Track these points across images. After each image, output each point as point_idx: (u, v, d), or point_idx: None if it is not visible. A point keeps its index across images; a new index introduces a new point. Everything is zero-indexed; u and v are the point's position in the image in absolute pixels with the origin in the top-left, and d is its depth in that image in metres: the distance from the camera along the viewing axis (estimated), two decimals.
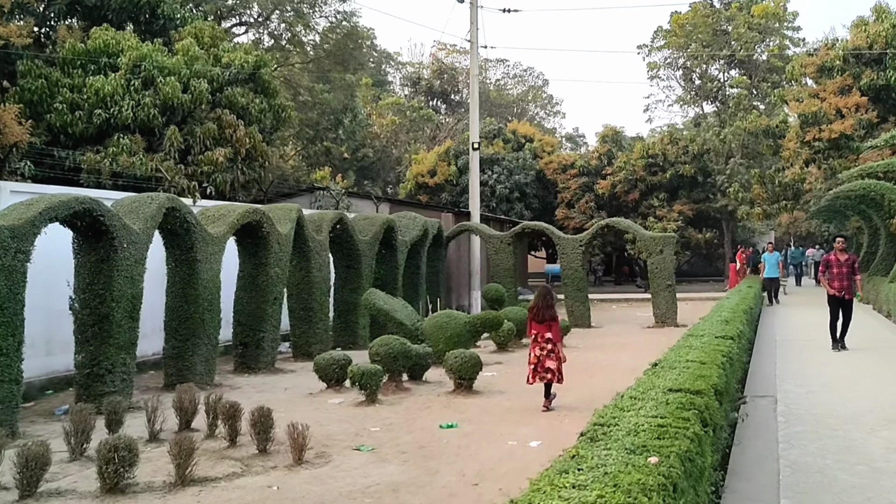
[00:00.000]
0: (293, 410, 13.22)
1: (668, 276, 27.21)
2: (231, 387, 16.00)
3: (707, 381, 7.44)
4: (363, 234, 23.33)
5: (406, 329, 18.70)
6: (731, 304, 17.92)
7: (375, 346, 14.74)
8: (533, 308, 13.48)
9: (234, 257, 18.07)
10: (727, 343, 10.91)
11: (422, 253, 27.27)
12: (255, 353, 17.97)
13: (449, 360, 14.44)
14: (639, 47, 58.06)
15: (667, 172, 49.24)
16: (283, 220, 19.16)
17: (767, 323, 24.42)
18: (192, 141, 23.86)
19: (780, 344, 19.42)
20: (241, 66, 25.41)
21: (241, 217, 17.00)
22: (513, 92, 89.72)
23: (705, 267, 58.43)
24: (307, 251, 20.36)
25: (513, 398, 14.03)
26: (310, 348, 20.28)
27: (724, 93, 56.02)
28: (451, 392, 14.51)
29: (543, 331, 13.19)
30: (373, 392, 13.55)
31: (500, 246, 29.57)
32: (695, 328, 13.29)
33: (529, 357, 13.31)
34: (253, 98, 25.71)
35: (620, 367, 17.74)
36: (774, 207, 42.54)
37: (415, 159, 56.61)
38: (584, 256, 28.50)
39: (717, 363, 8.80)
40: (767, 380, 14.13)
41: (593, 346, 22.22)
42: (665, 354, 9.75)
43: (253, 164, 25.23)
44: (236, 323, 18.11)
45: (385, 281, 24.77)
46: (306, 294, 20.48)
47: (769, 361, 16.35)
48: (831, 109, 35.93)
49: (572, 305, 27.78)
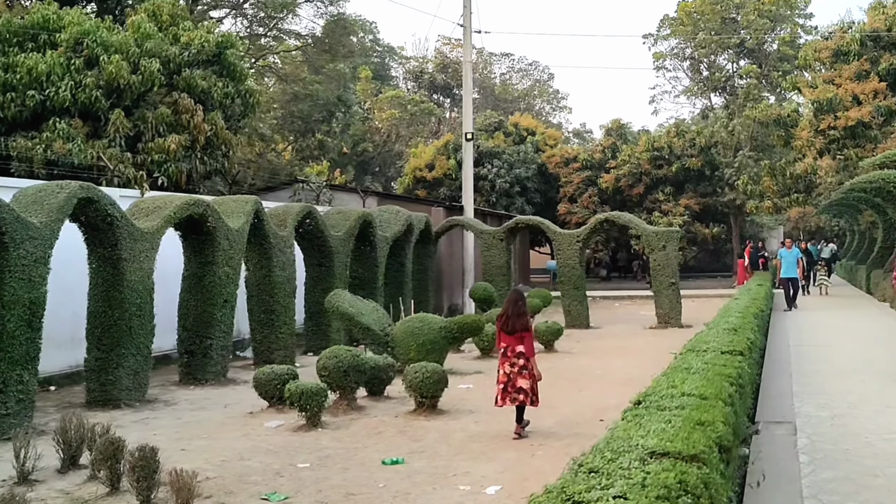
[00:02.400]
0: (218, 437, 11.19)
1: (671, 273, 25.19)
2: (166, 403, 13.98)
3: (708, 433, 5.33)
4: (336, 229, 21.30)
5: (374, 335, 16.63)
6: (739, 307, 15.78)
7: (323, 358, 12.68)
8: (501, 316, 11.39)
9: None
10: (736, 362, 8.82)
11: (407, 250, 25.33)
12: (202, 363, 15.92)
13: (409, 374, 12.36)
14: (644, 37, 55.90)
15: (673, 166, 47.53)
16: (235, 214, 17.09)
17: (779, 326, 22.29)
18: (144, 127, 21.67)
19: (795, 351, 17.28)
20: (202, 47, 23.19)
21: (180, 210, 14.91)
22: (518, 87, 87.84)
23: (713, 263, 56.92)
24: (268, 248, 18.31)
25: (482, 420, 11.95)
26: (272, 355, 18.25)
27: (733, 83, 53.90)
28: (411, 412, 12.44)
29: (514, 343, 11.09)
30: (314, 415, 11.48)
31: (493, 242, 27.52)
32: (697, 339, 11.18)
33: (498, 375, 11.22)
34: (216, 81, 23.50)
35: (615, 378, 15.79)
36: (785, 201, 40.31)
37: (413, 153, 54.82)
38: (582, 252, 26.43)
39: (723, 398, 6.70)
40: (783, 398, 12.01)
41: (588, 350, 20.23)
42: (655, 382, 7.67)
43: (215, 152, 23.03)
44: (181, 329, 16.07)
45: (364, 280, 22.90)
46: (267, 295, 18.44)
47: (784, 373, 14.22)
48: (847, 96, 33.70)
49: (569, 305, 25.87)
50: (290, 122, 45.41)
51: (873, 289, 32.12)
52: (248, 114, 25.52)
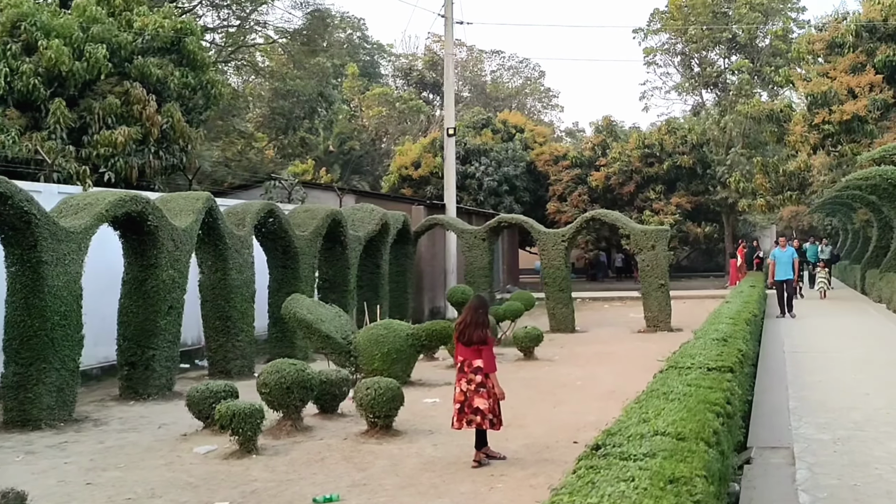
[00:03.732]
0: (136, 466, 9.85)
1: (660, 274, 23.90)
2: (96, 423, 12.60)
3: (682, 499, 3.99)
4: (302, 228, 19.96)
5: (334, 344, 15.30)
6: (730, 312, 14.43)
7: (264, 373, 11.30)
8: (459, 325, 10.03)
9: None
10: (724, 383, 7.50)
11: (382, 250, 24.04)
12: (145, 376, 14.54)
13: (359, 391, 11.00)
14: (634, 31, 54.51)
15: (664, 163, 46.46)
16: (183, 212, 15.73)
17: (773, 330, 20.98)
18: (90, 119, 20.19)
19: (791, 359, 15.94)
20: (157, 33, 21.69)
21: (113, 207, 13.53)
22: (509, 84, 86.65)
23: (705, 262, 55.94)
24: (223, 249, 16.94)
25: (442, 443, 10.63)
26: (228, 365, 16.95)
27: (725, 79, 52.65)
28: (363, 433, 11.08)
29: (471, 357, 9.75)
30: (248, 439, 10.12)
31: (475, 242, 26.20)
32: (682, 351, 9.85)
33: (454, 393, 9.88)
34: (173, 70, 22.02)
35: (596, 389, 14.50)
36: (778, 199, 38.97)
37: (399, 151, 53.51)
38: (568, 252, 25.14)
39: (706, 436, 5.35)
40: (778, 416, 10.67)
41: (571, 357, 18.95)
42: (625, 412, 6.34)
43: (172, 147, 21.54)
44: (121, 339, 14.67)
45: (334, 283, 21.63)
46: (223, 300, 17.06)
47: (779, 386, 12.89)
48: (842, 89, 32.31)
49: (554, 308, 24.60)
50: (271, 119, 43.96)
51: (868, 289, 30.90)
52: (210, 106, 24.03)
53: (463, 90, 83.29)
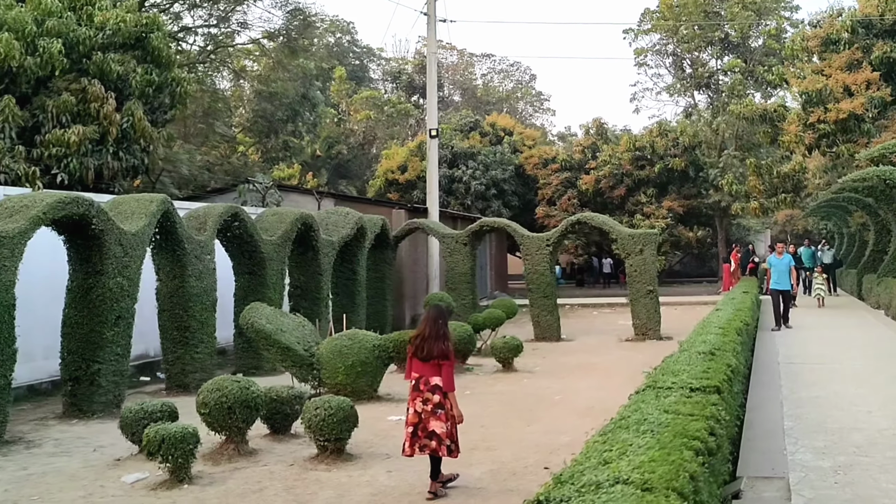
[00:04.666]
0: (51, 499, 8.79)
1: (648, 279, 22.89)
2: (28, 445, 11.53)
3: None
4: (269, 232, 18.94)
5: (295, 356, 14.28)
6: (720, 321, 13.37)
7: (204, 392, 10.24)
8: (416, 337, 8.98)
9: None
10: (708, 408, 6.45)
11: (359, 255, 23.03)
12: (89, 392, 13.48)
13: (308, 412, 9.95)
14: (625, 32, 53.48)
15: (655, 166, 45.47)
16: (134, 215, 14.67)
17: (767, 339, 19.93)
18: (43, 117, 19.08)
19: (786, 370, 14.87)
20: (118, 27, 20.57)
21: (52, 209, 12.44)
22: (500, 88, 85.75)
23: (698, 267, 55.04)
24: (181, 255, 15.92)
25: (397, 469, 9.58)
26: (186, 378, 15.92)
27: (717, 80, 51.66)
28: (313, 458, 10.03)
29: (429, 374, 8.70)
30: (180, 467, 9.06)
31: (456, 246, 25.17)
32: (665, 365, 8.81)
33: (407, 415, 8.83)
34: (135, 67, 20.90)
35: (575, 405, 13.49)
36: (772, 201, 37.91)
37: (385, 155, 52.55)
38: (553, 257, 24.12)
39: (679, 485, 4.27)
40: (772, 439, 9.61)
41: (552, 368, 17.92)
42: (585, 447, 5.30)
43: (132, 147, 20.42)
44: (65, 351, 13.63)
45: (306, 290, 20.64)
46: (181, 309, 16.05)
47: (773, 403, 11.83)
48: (838, 87, 31.25)
49: (538, 315, 23.62)
50: (254, 123, 42.90)
51: (866, 294, 29.87)
52: (176, 105, 22.89)
53: (454, 94, 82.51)
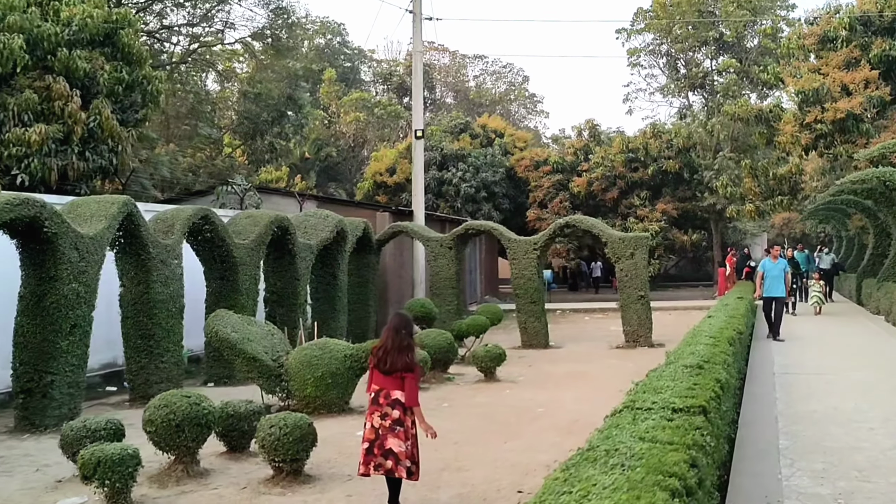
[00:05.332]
0: None
1: (640, 284, 22.13)
2: None
3: None
4: (242, 236, 18.15)
5: (261, 366, 13.52)
6: (712, 329, 12.56)
7: (151, 408, 9.45)
8: (378, 350, 8.20)
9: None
10: (691, 433, 5.67)
11: (340, 260, 22.23)
12: (42, 405, 12.70)
13: (262, 430, 9.16)
14: (618, 32, 52.76)
15: (649, 168, 44.80)
16: (93, 217, 13.88)
17: (761, 347, 19.16)
18: (4, 115, 18.24)
19: (781, 381, 14.09)
20: (84, 23, 19.73)
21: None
22: (493, 90, 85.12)
23: (694, 271, 54.37)
24: (146, 259, 15.13)
25: (358, 493, 8.80)
26: (150, 389, 14.98)
27: (712, 80, 50.94)
28: (268, 479, 9.23)
29: (390, 387, 7.95)
30: (118, 492, 8.25)
31: (441, 250, 24.38)
32: (646, 382, 8.02)
33: (364, 430, 8.06)
34: (103, 65, 20.06)
35: (558, 419, 12.72)
36: (768, 204, 37.11)
37: (374, 157, 51.81)
38: (540, 261, 23.36)
39: None
40: (766, 461, 8.83)
41: (537, 377, 17.16)
42: (543, 487, 4.51)
43: (99, 147, 19.57)
44: (17, 362, 12.83)
45: (282, 296, 19.80)
46: (145, 316, 15.26)
47: (767, 417, 11.05)
48: (836, 86, 30.51)
49: (526, 321, 22.87)
50: (239, 124, 42.08)
51: (865, 300, 29.10)
52: (147, 104, 22.05)
53: (446, 96, 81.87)
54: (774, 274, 20.91)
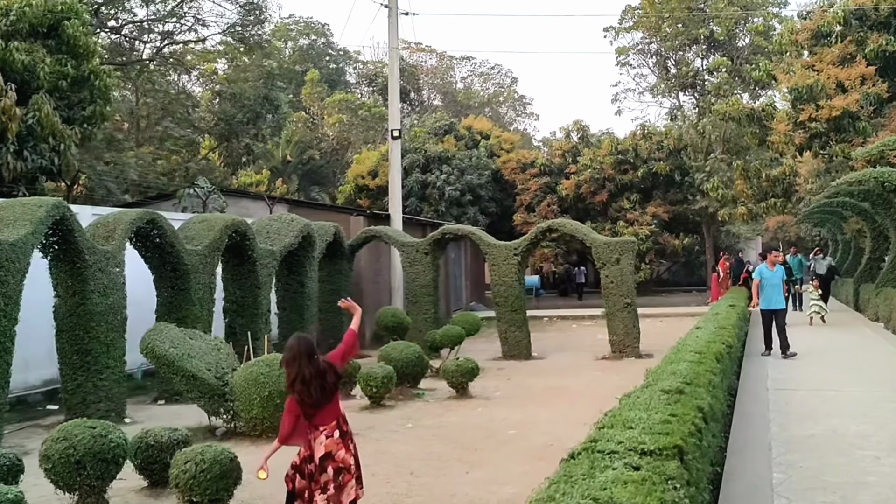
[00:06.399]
0: None
1: (626, 291, 20.93)
2: None
3: None
4: (195, 241, 16.91)
5: (203, 385, 12.29)
6: (698, 344, 11.27)
7: (48, 442, 8.18)
8: (292, 383, 6.82)
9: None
10: (659, 489, 4.41)
11: (307, 266, 21.09)
12: None
13: (176, 466, 7.89)
14: (605, 30, 51.60)
15: (639, 171, 43.64)
16: (16, 222, 12.58)
17: (753, 357, 17.89)
18: None
19: (775, 399, 12.83)
20: (22, 13, 18.40)
21: None
22: (482, 92, 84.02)
23: (687, 276, 53.31)
24: (82, 267, 13.86)
25: None
26: (88, 409, 13.76)
27: (703, 80, 49.77)
28: None
29: (330, 419, 6.74)
30: None
31: (416, 256, 23.16)
32: (614, 414, 6.74)
33: None
34: (44, 58, 18.76)
35: (530, 443, 11.48)
36: (761, 206, 35.84)
37: (356, 159, 50.49)
38: (521, 268, 22.12)
39: None
40: (757, 499, 7.56)
41: (514, 393, 15.95)
42: None
43: (39, 146, 18.23)
44: None
45: (242, 305, 18.74)
46: (82, 330, 14.01)
47: (759, 444, 9.78)
48: (830, 83, 29.30)
49: (506, 331, 21.74)
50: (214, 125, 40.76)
51: (863, 306, 27.87)
52: (96, 101, 20.69)
53: (434, 98, 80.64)
54: (773, 283, 18.39)
